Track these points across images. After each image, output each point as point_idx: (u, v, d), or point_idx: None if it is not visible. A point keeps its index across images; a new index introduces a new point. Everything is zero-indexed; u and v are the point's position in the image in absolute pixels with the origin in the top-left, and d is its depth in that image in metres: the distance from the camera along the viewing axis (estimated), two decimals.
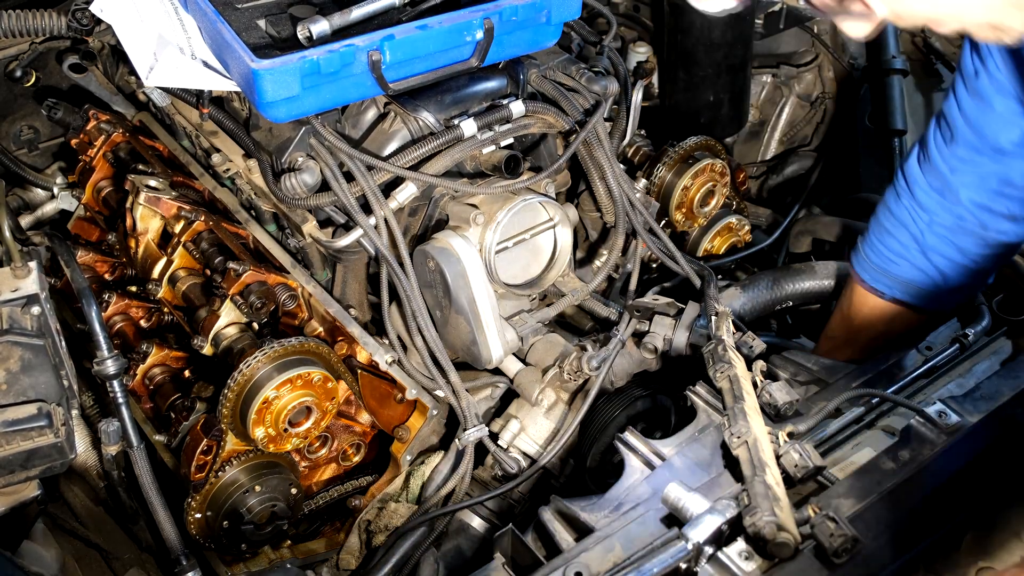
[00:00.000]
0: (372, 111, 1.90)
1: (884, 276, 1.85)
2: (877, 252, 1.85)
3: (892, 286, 1.84)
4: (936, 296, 1.82)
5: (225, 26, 1.69)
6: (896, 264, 1.82)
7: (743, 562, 1.31)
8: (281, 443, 1.77)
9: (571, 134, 1.98)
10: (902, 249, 1.80)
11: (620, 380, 1.97)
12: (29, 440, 1.47)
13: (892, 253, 1.82)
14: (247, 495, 1.80)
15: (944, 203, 1.72)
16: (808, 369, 1.76)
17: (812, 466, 1.45)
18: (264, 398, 1.70)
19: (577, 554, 1.39)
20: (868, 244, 1.87)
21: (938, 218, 1.73)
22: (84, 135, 2.31)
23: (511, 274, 1.99)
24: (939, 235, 1.75)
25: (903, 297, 1.84)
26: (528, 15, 1.82)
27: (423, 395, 1.87)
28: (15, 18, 2.15)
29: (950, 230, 1.73)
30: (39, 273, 1.56)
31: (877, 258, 1.85)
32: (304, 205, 1.79)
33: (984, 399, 1.56)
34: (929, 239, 1.76)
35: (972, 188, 1.68)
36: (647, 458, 1.56)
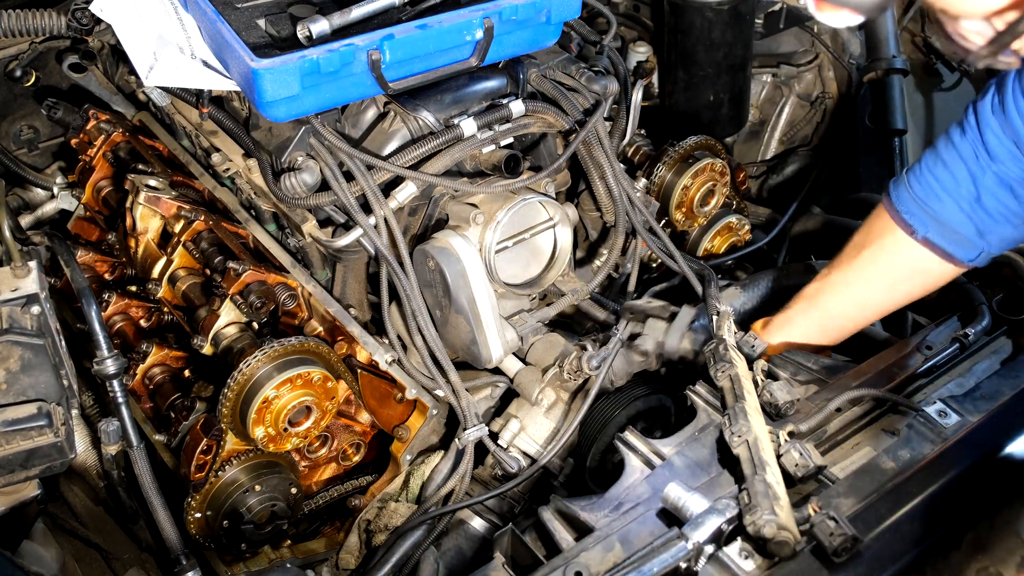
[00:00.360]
0: (372, 111, 1.90)
1: (923, 211, 1.69)
2: (924, 183, 1.69)
3: (927, 224, 1.69)
4: (971, 245, 1.69)
5: (225, 26, 1.69)
6: (941, 200, 1.68)
7: (743, 561, 1.31)
8: (281, 443, 1.77)
9: (571, 133, 1.98)
10: (954, 185, 1.67)
11: (620, 380, 1.97)
12: (29, 440, 1.47)
13: (941, 187, 1.68)
14: (247, 495, 1.80)
15: (1016, 155, 1.61)
16: (808, 369, 1.76)
17: (812, 465, 1.45)
18: (264, 397, 1.70)
19: (577, 554, 1.38)
20: (915, 174, 1.71)
21: (1004, 167, 1.62)
22: (84, 135, 2.31)
23: (511, 274, 1.99)
24: (1000, 179, 1.63)
25: (936, 239, 1.69)
26: (528, 15, 1.82)
27: (423, 395, 1.87)
28: (15, 18, 2.15)
29: (1016, 180, 1.63)
30: (39, 273, 1.56)
31: (922, 190, 1.69)
32: (304, 205, 1.79)
33: (984, 399, 1.56)
34: (988, 180, 1.64)
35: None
36: (647, 458, 1.56)
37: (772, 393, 1.58)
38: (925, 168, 1.72)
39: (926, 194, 1.70)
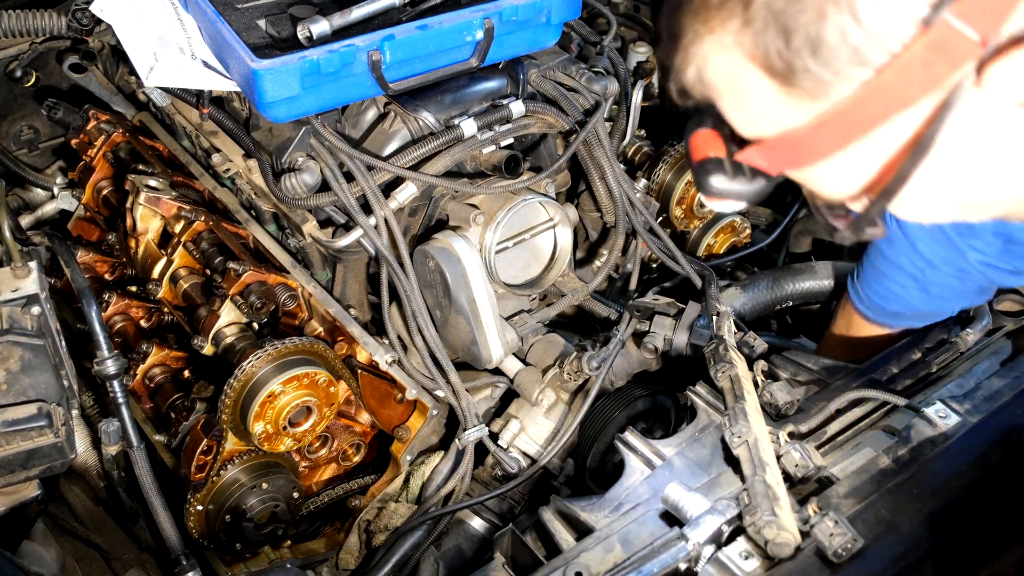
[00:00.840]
0: (372, 111, 1.90)
1: (887, 314, 1.86)
2: (875, 294, 1.85)
3: (898, 318, 1.86)
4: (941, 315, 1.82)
5: (225, 26, 1.69)
6: (897, 302, 1.83)
7: (743, 562, 1.31)
8: (281, 443, 1.77)
9: (571, 134, 1.98)
10: (901, 290, 1.81)
11: (620, 380, 1.97)
12: (29, 440, 1.47)
13: (891, 295, 1.83)
14: (247, 495, 1.80)
15: (948, 257, 1.72)
16: (808, 369, 1.76)
17: (812, 466, 1.45)
18: (264, 398, 1.70)
19: (577, 554, 1.38)
20: (865, 285, 1.87)
21: (939, 269, 1.74)
22: (84, 135, 2.31)
23: (511, 274, 1.99)
24: (941, 276, 1.75)
25: (909, 324, 1.85)
26: (528, 15, 1.82)
27: (423, 395, 1.87)
28: (15, 18, 2.15)
29: (953, 276, 1.74)
30: (39, 273, 1.56)
31: (879, 299, 1.85)
32: (304, 205, 1.79)
33: (984, 399, 1.56)
34: (930, 277, 1.76)
35: (979, 250, 1.68)
36: (647, 458, 1.56)
37: (772, 393, 1.58)
38: (872, 281, 1.86)
39: (883, 302, 1.85)
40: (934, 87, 0.76)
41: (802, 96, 0.80)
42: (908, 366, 1.71)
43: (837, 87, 0.78)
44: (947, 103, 0.77)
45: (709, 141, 0.92)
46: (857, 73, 0.77)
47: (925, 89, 0.76)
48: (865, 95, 0.77)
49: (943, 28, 0.73)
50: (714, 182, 0.92)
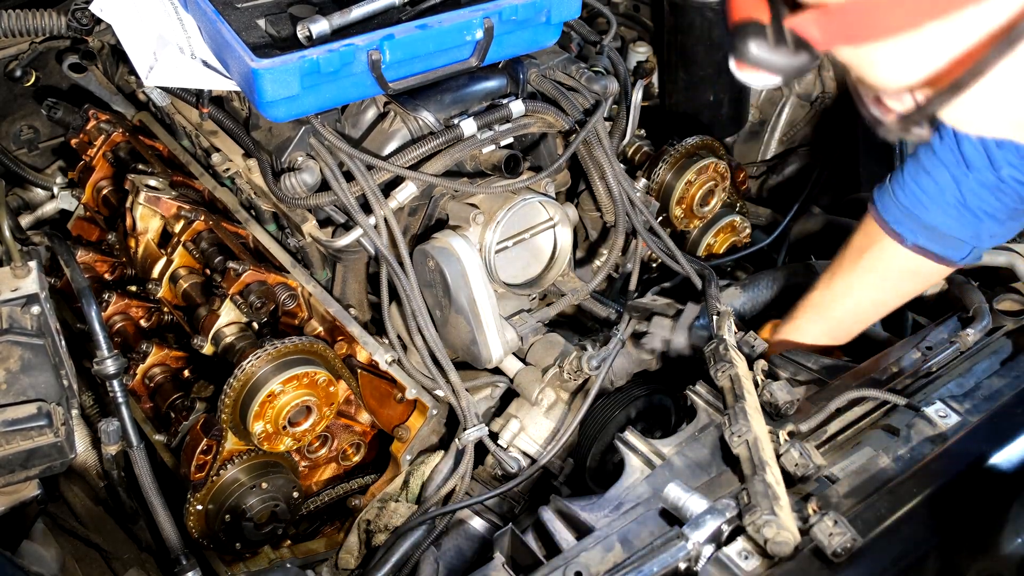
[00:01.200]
0: (372, 111, 1.90)
1: (910, 219, 1.71)
2: (908, 192, 1.71)
3: (916, 231, 1.72)
4: (961, 245, 1.72)
5: (225, 26, 1.69)
6: (926, 208, 1.69)
7: (743, 562, 1.30)
8: (281, 442, 1.77)
9: (571, 134, 1.98)
10: (937, 192, 1.68)
11: (620, 380, 1.98)
12: (29, 440, 1.47)
13: (925, 195, 1.69)
14: (247, 495, 1.80)
15: (988, 164, 1.62)
16: (808, 369, 1.76)
17: (812, 465, 1.45)
18: (264, 397, 1.70)
19: (577, 554, 1.38)
20: (899, 183, 1.72)
21: (980, 174, 1.64)
22: (84, 135, 2.31)
23: (511, 274, 1.99)
24: (980, 183, 1.65)
25: (926, 244, 1.72)
26: (528, 15, 1.82)
27: (423, 395, 1.87)
28: (15, 18, 2.15)
29: (992, 187, 1.65)
30: (39, 273, 1.56)
31: (907, 198, 1.71)
32: (304, 205, 1.79)
33: (984, 399, 1.56)
34: (969, 183, 1.65)
35: (1015, 166, 1.59)
36: (647, 458, 1.56)
37: (772, 393, 1.58)
38: (908, 177, 1.73)
39: (911, 203, 1.72)
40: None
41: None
42: (908, 365, 1.71)
43: None
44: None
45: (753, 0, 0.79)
46: None
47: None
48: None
49: None
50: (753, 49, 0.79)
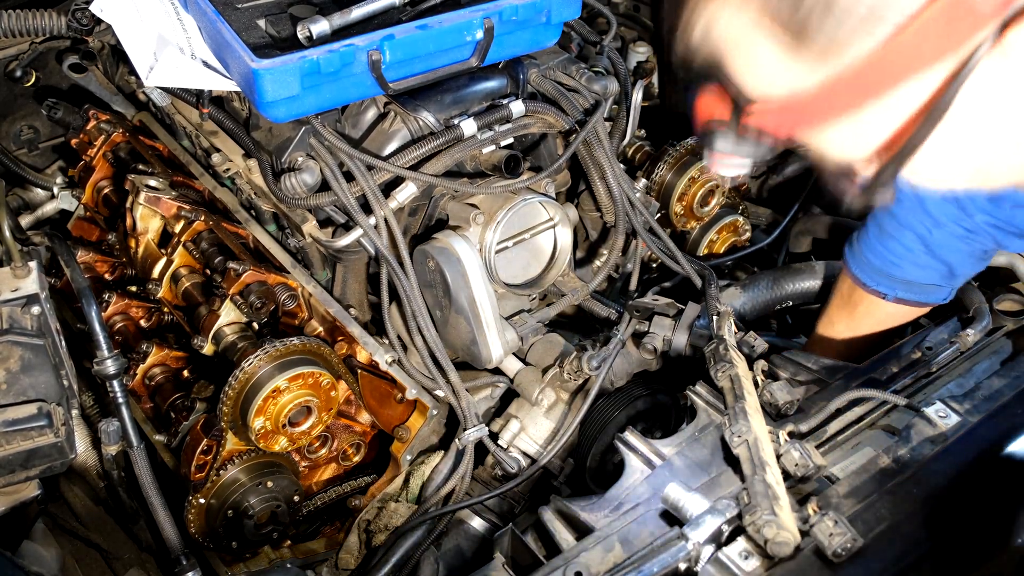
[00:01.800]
0: (372, 111, 1.90)
1: (886, 277, 1.82)
2: (878, 255, 1.81)
3: (894, 286, 1.81)
4: (941, 290, 1.80)
5: (225, 26, 1.69)
6: (899, 267, 1.79)
7: (743, 562, 1.30)
8: (281, 442, 1.77)
9: (571, 134, 1.98)
10: (905, 251, 1.77)
11: (620, 380, 1.98)
12: (29, 440, 1.46)
13: (894, 256, 1.78)
14: (247, 495, 1.80)
15: (957, 216, 1.68)
16: (808, 369, 1.76)
17: (812, 465, 1.45)
18: (264, 397, 1.70)
19: (577, 554, 1.38)
20: (868, 246, 1.83)
21: (949, 228, 1.70)
22: (84, 135, 2.31)
23: (511, 274, 1.99)
24: (947, 236, 1.71)
25: (906, 295, 1.82)
26: (528, 15, 1.82)
27: (423, 395, 1.87)
28: (15, 18, 2.15)
29: (960, 237, 1.71)
30: (39, 273, 1.56)
31: (878, 260, 1.81)
32: (304, 205, 1.79)
33: (984, 399, 1.56)
34: (937, 238, 1.72)
35: (986, 212, 1.65)
36: (647, 458, 1.56)
37: (772, 393, 1.58)
38: (875, 241, 1.81)
39: (883, 263, 1.81)
40: (952, 49, 0.73)
41: (814, 56, 0.76)
42: (908, 366, 1.71)
43: (851, 47, 0.74)
44: (965, 66, 0.73)
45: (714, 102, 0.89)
46: (873, 31, 0.73)
47: (943, 51, 0.73)
48: (880, 56, 0.74)
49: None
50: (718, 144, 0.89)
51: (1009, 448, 1.46)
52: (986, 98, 0.76)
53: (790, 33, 0.77)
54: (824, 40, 0.75)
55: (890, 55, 0.73)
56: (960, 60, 0.74)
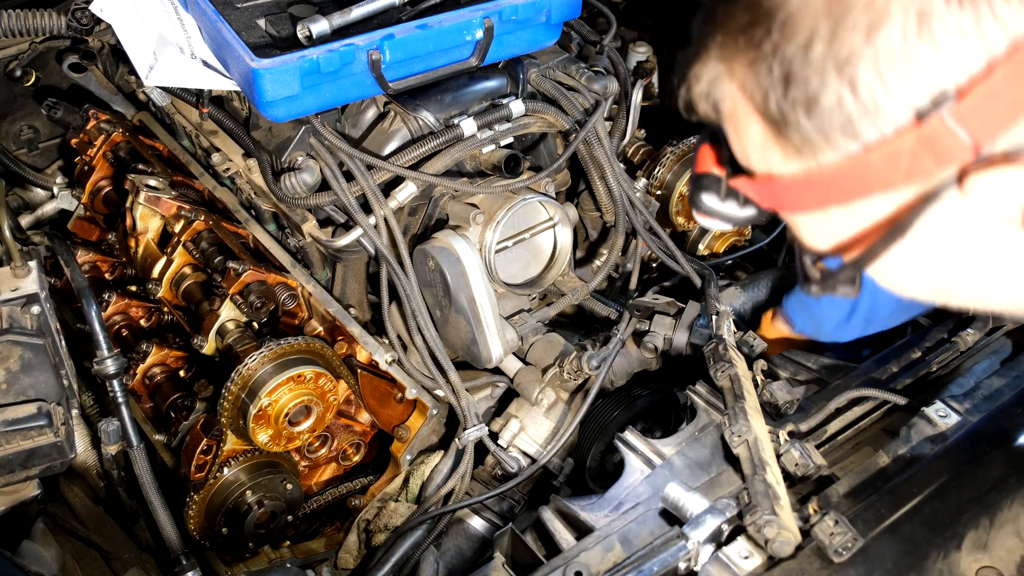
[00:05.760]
0: (372, 110, 1.90)
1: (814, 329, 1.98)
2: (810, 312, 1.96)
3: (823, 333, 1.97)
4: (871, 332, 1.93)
5: (225, 25, 1.69)
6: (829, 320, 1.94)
7: (743, 561, 1.30)
8: (281, 442, 1.77)
9: (571, 134, 1.98)
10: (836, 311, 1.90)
11: (620, 380, 1.97)
12: (29, 440, 1.46)
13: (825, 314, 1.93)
14: (247, 495, 1.80)
15: None
16: (808, 368, 1.76)
17: (812, 465, 1.45)
18: (264, 397, 1.70)
19: (577, 553, 1.38)
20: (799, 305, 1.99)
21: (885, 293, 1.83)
22: (84, 135, 2.31)
23: (511, 273, 1.99)
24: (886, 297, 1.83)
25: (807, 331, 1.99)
26: (528, 15, 1.82)
27: (423, 395, 1.87)
28: (15, 18, 2.15)
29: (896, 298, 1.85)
30: (39, 273, 1.56)
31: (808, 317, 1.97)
32: (304, 204, 1.79)
33: (984, 399, 1.56)
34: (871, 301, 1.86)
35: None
36: (647, 457, 1.55)
37: (772, 393, 1.58)
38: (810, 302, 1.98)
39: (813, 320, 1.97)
40: (918, 179, 0.75)
41: (791, 149, 0.79)
42: (908, 365, 1.71)
43: (825, 151, 0.77)
44: (928, 197, 0.75)
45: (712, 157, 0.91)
46: (846, 144, 0.75)
47: (909, 178, 0.75)
48: (850, 167, 0.76)
49: (937, 124, 0.71)
50: (706, 199, 0.92)
51: (1008, 448, 1.46)
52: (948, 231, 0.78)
53: (772, 122, 0.79)
54: (799, 139, 0.77)
55: (859, 169, 0.75)
56: (924, 190, 0.76)
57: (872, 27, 0.71)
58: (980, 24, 0.69)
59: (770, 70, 0.76)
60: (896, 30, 0.70)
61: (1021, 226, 0.75)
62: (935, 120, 0.71)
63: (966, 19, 0.69)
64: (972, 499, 1.37)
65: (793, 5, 0.74)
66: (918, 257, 0.82)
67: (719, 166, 0.90)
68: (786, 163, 0.80)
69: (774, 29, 0.75)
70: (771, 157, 0.82)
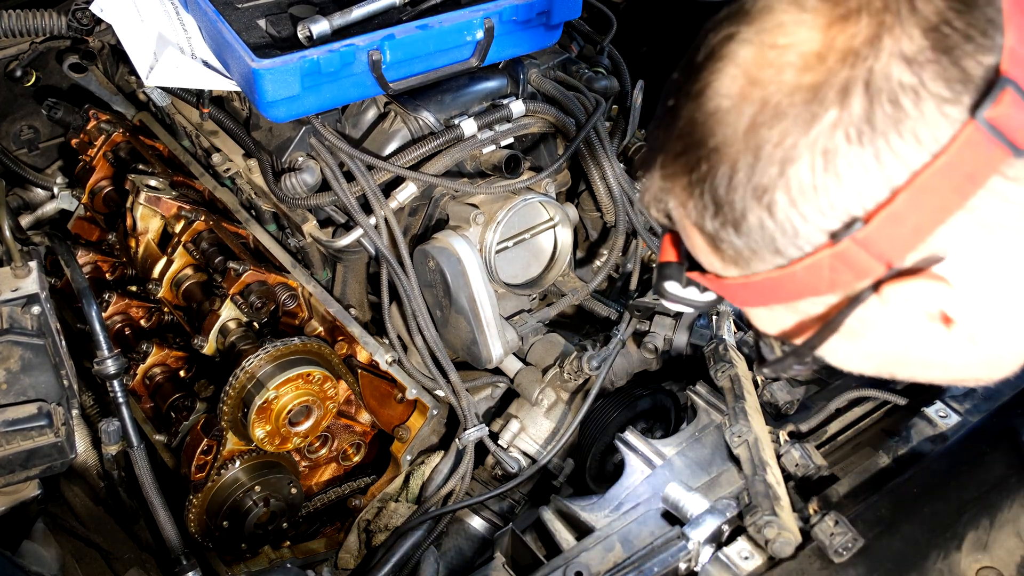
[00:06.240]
0: (372, 111, 1.90)
1: None
2: None
3: None
4: None
5: (225, 26, 1.69)
6: None
7: (743, 562, 1.31)
8: (282, 442, 1.77)
9: (571, 134, 1.98)
10: None
11: (620, 380, 1.98)
12: (29, 440, 1.46)
13: None
14: (247, 495, 1.79)
15: None
16: None
17: (812, 465, 1.45)
18: (265, 397, 1.70)
19: (577, 554, 1.39)
20: None
21: None
22: (84, 135, 2.31)
23: (511, 274, 1.99)
24: None
25: None
26: (528, 15, 1.82)
27: (423, 395, 1.87)
28: (15, 18, 2.15)
29: None
30: (39, 273, 1.56)
31: None
32: (304, 205, 1.79)
33: (984, 399, 1.56)
34: None
35: None
36: (647, 458, 1.56)
37: (772, 393, 1.58)
38: None
39: None
40: (839, 288, 0.82)
41: (727, 259, 0.86)
42: None
43: (755, 263, 0.84)
44: (852, 300, 0.82)
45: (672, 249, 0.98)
46: (772, 258, 0.82)
47: (832, 288, 0.82)
48: (779, 277, 0.83)
49: (849, 245, 0.78)
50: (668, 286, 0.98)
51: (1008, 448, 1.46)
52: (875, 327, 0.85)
53: (707, 237, 0.86)
54: (733, 252, 0.85)
55: (787, 278, 0.83)
56: (846, 295, 0.83)
57: (784, 162, 0.77)
58: (880, 159, 0.75)
59: (702, 195, 0.83)
60: (805, 166, 0.77)
61: (941, 323, 0.82)
62: (847, 242, 0.78)
63: (867, 155, 0.75)
64: (972, 499, 1.37)
65: (719, 139, 0.81)
66: (855, 347, 0.89)
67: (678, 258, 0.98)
68: (726, 269, 0.88)
69: (703, 159, 0.82)
70: (714, 263, 0.89)
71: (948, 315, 0.82)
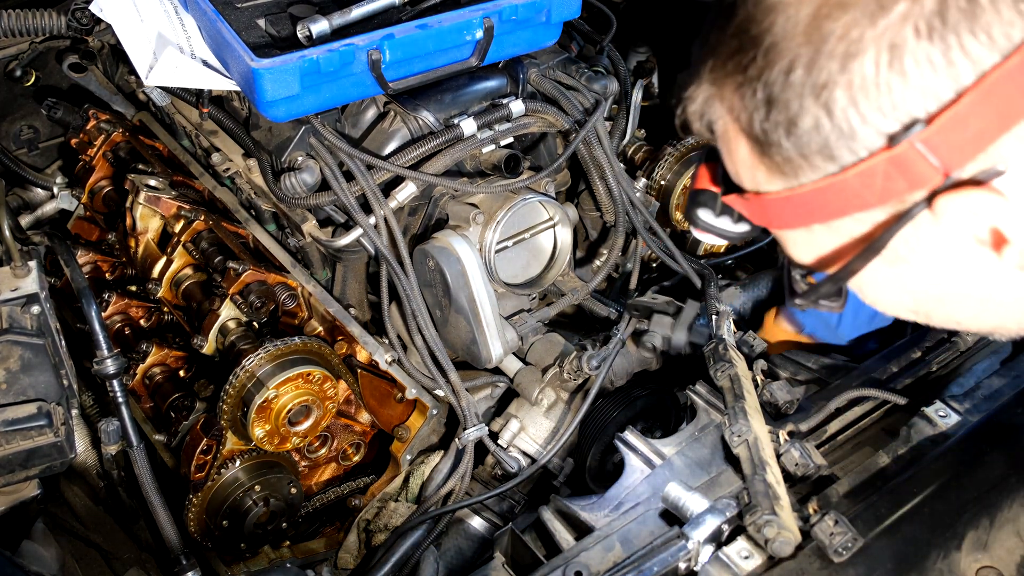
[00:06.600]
0: (372, 110, 1.90)
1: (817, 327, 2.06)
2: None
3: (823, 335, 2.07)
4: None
5: (225, 25, 1.69)
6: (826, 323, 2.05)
7: (743, 561, 1.30)
8: (281, 442, 1.77)
9: (571, 133, 1.98)
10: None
11: (620, 379, 1.97)
12: (29, 439, 1.47)
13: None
14: (247, 495, 1.80)
15: None
16: (808, 368, 1.76)
17: (812, 465, 1.45)
18: (264, 397, 1.70)
19: (577, 553, 1.38)
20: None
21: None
22: (84, 135, 2.31)
23: (511, 273, 1.99)
24: None
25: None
26: (528, 14, 1.82)
27: (423, 394, 1.87)
28: (15, 18, 2.15)
29: None
30: (39, 273, 1.56)
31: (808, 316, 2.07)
32: (304, 204, 1.79)
33: (984, 399, 1.56)
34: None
35: None
36: (647, 457, 1.55)
37: (772, 393, 1.58)
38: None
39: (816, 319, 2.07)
40: (891, 199, 0.78)
41: (774, 168, 0.83)
42: (908, 365, 1.71)
43: (805, 171, 0.80)
44: (901, 217, 0.79)
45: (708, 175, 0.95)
46: (823, 165, 0.79)
47: (883, 199, 0.78)
48: (827, 187, 0.80)
49: (908, 148, 0.74)
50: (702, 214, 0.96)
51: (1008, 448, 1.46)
52: (921, 250, 0.82)
53: (756, 142, 0.82)
54: (781, 159, 0.81)
55: (836, 189, 0.79)
56: (897, 210, 0.80)
57: (847, 57, 0.74)
58: (949, 57, 0.72)
59: (754, 93, 0.80)
60: (869, 61, 0.73)
61: (991, 248, 0.78)
62: (906, 145, 0.74)
63: (935, 52, 0.72)
64: (972, 499, 1.37)
65: (777, 33, 0.77)
66: (894, 275, 0.85)
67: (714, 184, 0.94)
68: (771, 182, 0.84)
69: (759, 55, 0.78)
70: (758, 176, 0.85)
71: (1003, 234, 0.77)
